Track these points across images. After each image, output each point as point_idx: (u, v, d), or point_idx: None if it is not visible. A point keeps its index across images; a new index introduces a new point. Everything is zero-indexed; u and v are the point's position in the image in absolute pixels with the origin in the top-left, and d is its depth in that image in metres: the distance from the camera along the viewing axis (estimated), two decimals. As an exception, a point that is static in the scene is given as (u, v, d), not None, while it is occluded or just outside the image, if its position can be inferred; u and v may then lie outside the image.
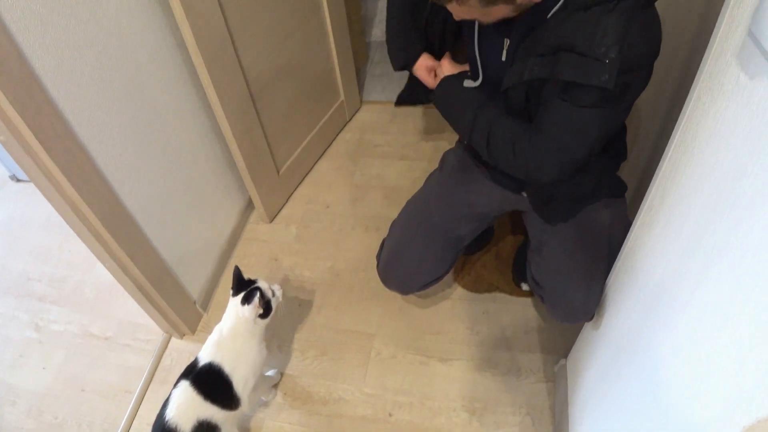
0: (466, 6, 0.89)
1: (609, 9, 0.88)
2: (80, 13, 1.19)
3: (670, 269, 0.79)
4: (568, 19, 0.92)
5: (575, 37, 0.91)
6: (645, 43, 0.90)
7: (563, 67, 0.93)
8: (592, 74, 0.89)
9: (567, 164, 1.06)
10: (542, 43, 0.96)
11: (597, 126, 0.99)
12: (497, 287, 1.75)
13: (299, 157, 2.16)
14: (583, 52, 0.90)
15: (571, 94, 0.96)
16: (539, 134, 1.04)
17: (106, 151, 1.33)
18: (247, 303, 1.36)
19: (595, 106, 0.95)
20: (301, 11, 1.91)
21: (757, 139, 0.55)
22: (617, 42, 0.87)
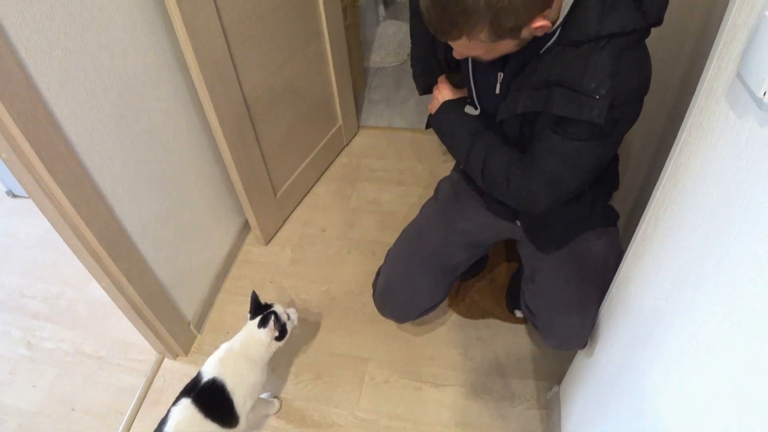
0: (475, 41, 0.90)
1: (600, 46, 0.90)
2: (86, 35, 1.21)
3: (661, 299, 0.80)
4: (561, 54, 0.95)
5: (567, 72, 0.93)
6: (634, 79, 0.92)
7: (555, 102, 0.95)
8: (583, 109, 0.92)
9: (558, 195, 1.08)
10: (535, 77, 0.99)
11: (588, 158, 1.02)
12: (491, 313, 1.76)
13: (296, 181, 2.18)
14: (575, 88, 0.92)
15: (563, 127, 0.99)
16: (532, 165, 1.06)
17: (107, 170, 1.34)
18: (263, 326, 1.40)
19: (586, 139, 0.98)
20: (302, 36, 1.94)
21: (745, 175, 0.57)
22: (608, 78, 0.89)
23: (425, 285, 1.41)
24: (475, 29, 0.87)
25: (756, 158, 0.55)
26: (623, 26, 0.89)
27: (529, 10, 0.85)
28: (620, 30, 0.89)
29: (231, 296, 1.94)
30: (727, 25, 0.64)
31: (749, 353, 0.57)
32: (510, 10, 0.83)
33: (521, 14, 0.85)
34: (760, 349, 0.55)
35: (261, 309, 1.47)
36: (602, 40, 0.90)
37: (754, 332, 0.56)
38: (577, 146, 0.99)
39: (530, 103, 1.00)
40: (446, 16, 0.86)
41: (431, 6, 0.88)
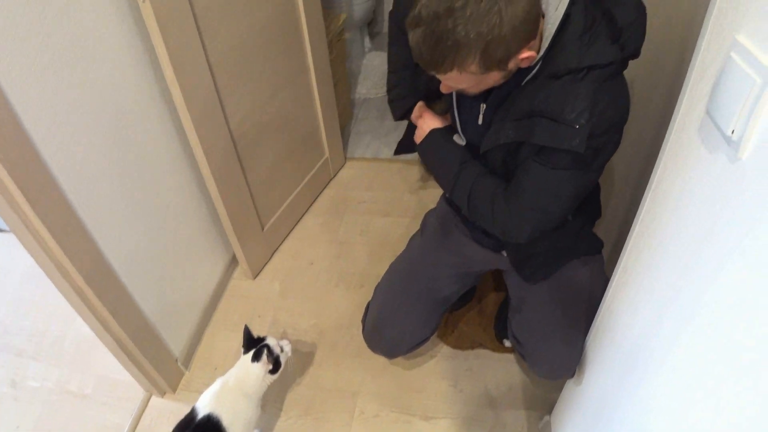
0: (465, 73, 0.91)
1: (579, 78, 0.93)
2: (74, 72, 1.23)
3: (644, 330, 0.81)
4: (542, 86, 0.98)
5: (548, 103, 0.95)
6: (613, 109, 0.95)
7: (537, 132, 0.97)
8: (564, 139, 0.94)
9: (542, 223, 1.09)
10: (517, 108, 1.01)
11: (570, 187, 1.03)
12: (480, 344, 1.76)
13: (284, 214, 2.19)
14: (555, 118, 0.94)
15: (544, 156, 1.01)
16: (515, 194, 1.08)
17: (92, 205, 1.34)
18: (256, 360, 1.40)
19: (567, 168, 1.00)
20: (288, 71, 1.97)
21: (719, 210, 0.59)
22: (587, 109, 0.92)
23: (415, 321, 1.41)
24: (467, 61, 0.88)
25: (728, 193, 0.57)
26: (601, 59, 0.91)
27: (518, 40, 0.87)
28: (599, 62, 0.92)
29: (219, 331, 1.92)
30: (696, 63, 0.66)
31: (733, 385, 0.57)
32: (500, 41, 0.85)
33: (510, 45, 0.87)
34: (743, 378, 0.55)
35: (254, 342, 1.47)
36: (581, 72, 0.93)
37: (737, 363, 0.56)
38: (559, 175, 1.01)
39: (513, 134, 1.01)
40: (438, 50, 0.88)
41: (422, 41, 0.88)
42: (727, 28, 0.59)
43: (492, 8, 0.82)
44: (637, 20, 0.92)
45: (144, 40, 1.43)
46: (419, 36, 0.88)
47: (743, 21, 0.56)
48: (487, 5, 0.82)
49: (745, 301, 0.54)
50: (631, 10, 0.92)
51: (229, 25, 1.59)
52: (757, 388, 0.53)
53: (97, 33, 1.28)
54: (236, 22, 1.62)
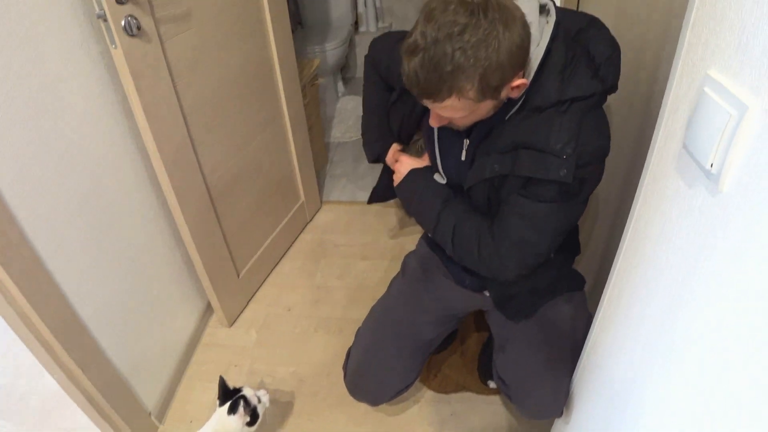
0: (463, 100, 0.90)
1: (562, 110, 0.95)
2: (43, 121, 1.20)
3: (632, 367, 0.80)
4: (525, 119, 0.99)
5: (533, 135, 0.97)
6: (596, 139, 0.97)
7: (523, 164, 0.98)
8: (551, 169, 0.95)
9: (529, 259, 1.09)
10: (501, 142, 1.02)
11: (556, 220, 1.03)
12: (464, 387, 1.72)
13: (260, 260, 2.15)
14: (541, 149, 0.95)
15: (530, 190, 1.01)
16: (501, 230, 1.07)
17: (61, 256, 1.30)
18: (233, 413, 1.36)
19: (553, 200, 1.00)
20: (263, 117, 1.97)
21: (702, 244, 0.59)
22: (572, 139, 0.94)
23: (398, 367, 1.38)
24: (466, 87, 0.88)
25: (711, 226, 0.57)
26: (583, 91, 0.94)
27: (513, 67, 0.89)
28: (581, 94, 0.94)
29: (194, 383, 1.86)
30: (670, 99, 0.67)
31: (727, 422, 0.56)
32: (497, 67, 0.86)
33: (506, 71, 0.88)
34: (736, 416, 0.54)
35: (230, 394, 1.42)
36: (564, 105, 0.95)
37: (729, 400, 0.55)
38: (545, 208, 1.01)
39: (498, 167, 1.02)
40: (436, 76, 0.87)
41: (420, 67, 0.88)
42: (698, 64, 0.60)
43: (490, 34, 0.83)
44: (613, 56, 0.95)
45: (116, 87, 1.42)
46: (417, 63, 0.88)
47: (714, 56, 0.57)
48: (485, 32, 0.83)
49: (735, 337, 0.53)
50: (607, 47, 0.95)
51: (203, 71, 1.59)
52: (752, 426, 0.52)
53: (66, 81, 1.26)
54: (210, 69, 1.62)
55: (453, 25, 0.84)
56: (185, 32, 1.48)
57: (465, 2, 0.84)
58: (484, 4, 0.84)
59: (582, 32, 0.96)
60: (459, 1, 0.85)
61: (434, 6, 0.86)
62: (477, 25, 0.83)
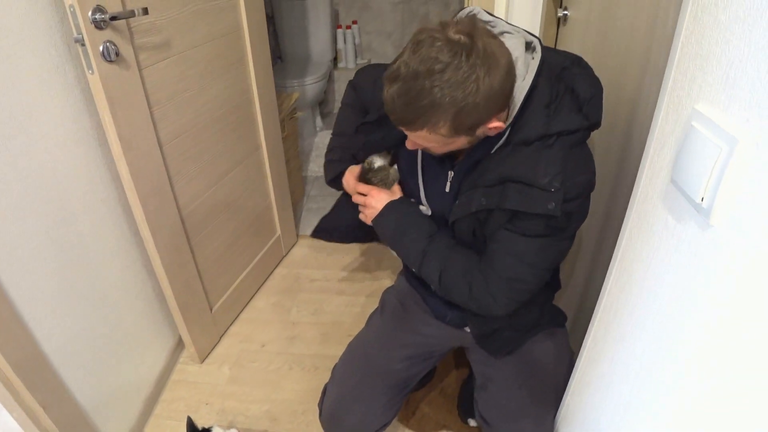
0: (434, 134, 0.91)
1: (549, 144, 0.95)
2: (12, 146, 1.16)
3: (620, 408, 0.78)
4: (512, 154, 0.99)
5: (520, 169, 0.96)
6: (583, 174, 0.97)
7: (510, 197, 0.97)
8: (539, 203, 0.94)
9: (521, 295, 1.07)
10: (488, 175, 1.01)
11: (545, 255, 1.02)
12: (444, 425, 1.68)
13: (234, 294, 2.10)
14: (529, 183, 0.95)
15: (517, 224, 1.00)
16: (490, 267, 1.06)
17: (27, 289, 1.24)
18: None
19: (541, 235, 0.99)
20: (241, 150, 1.95)
21: (692, 279, 0.58)
22: (560, 173, 0.94)
23: (374, 407, 1.33)
24: (438, 123, 0.88)
25: (701, 261, 0.56)
26: (569, 125, 0.95)
27: (489, 110, 0.89)
28: (566, 129, 0.95)
29: (163, 421, 1.77)
30: (656, 133, 0.67)
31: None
32: (472, 109, 0.86)
33: (482, 113, 0.88)
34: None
35: None
36: (551, 139, 0.95)
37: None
38: (533, 243, 1.01)
39: (485, 201, 1.01)
40: (411, 108, 0.87)
41: (397, 97, 0.88)
42: (685, 99, 0.60)
43: (470, 77, 0.83)
44: (596, 95, 0.97)
45: (91, 113, 1.39)
46: (395, 91, 0.88)
47: (701, 91, 0.57)
48: (465, 73, 0.83)
49: (727, 376, 0.52)
50: (591, 86, 0.97)
51: (182, 101, 1.57)
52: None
53: (40, 105, 1.23)
54: (189, 99, 1.61)
55: (435, 62, 0.84)
56: (164, 61, 1.47)
57: (452, 41, 0.85)
58: (469, 46, 0.84)
59: (566, 70, 0.97)
60: (446, 39, 0.85)
61: (423, 38, 0.86)
62: (458, 66, 0.83)
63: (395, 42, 3.78)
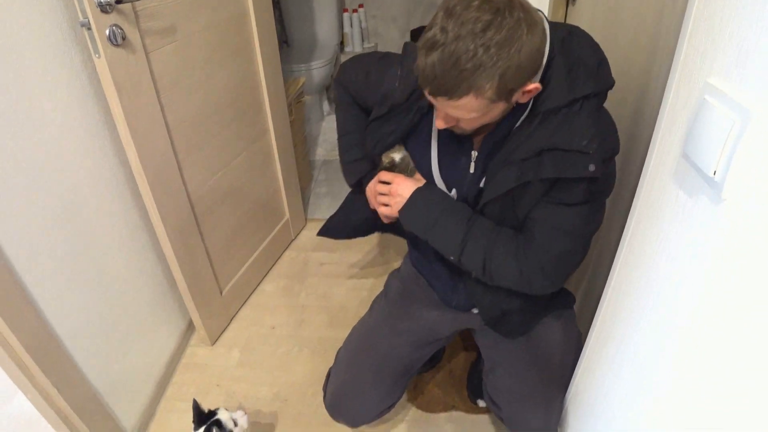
0: (480, 99, 0.87)
1: (576, 110, 0.94)
2: (20, 132, 1.17)
3: (629, 388, 0.78)
4: (541, 124, 0.97)
5: (554, 137, 0.95)
6: (612, 135, 0.97)
7: (549, 166, 0.95)
8: (580, 166, 0.93)
9: (571, 266, 1.07)
10: (520, 149, 0.98)
11: (588, 222, 1.01)
12: (453, 406, 1.69)
13: (243, 278, 2.11)
14: (567, 149, 0.93)
15: (556, 195, 0.99)
16: (536, 245, 1.03)
17: (38, 273, 1.25)
18: None
19: (583, 202, 0.98)
20: (248, 134, 1.95)
21: (702, 255, 0.57)
22: (596, 135, 0.93)
23: (378, 390, 1.34)
24: (485, 86, 0.85)
25: (712, 237, 0.56)
26: (592, 88, 0.93)
27: (530, 69, 0.87)
28: (591, 91, 0.93)
29: (174, 403, 1.80)
30: (667, 108, 0.67)
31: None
32: (516, 69, 0.84)
33: (524, 74, 0.86)
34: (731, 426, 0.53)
35: (205, 418, 1.36)
36: (577, 104, 0.94)
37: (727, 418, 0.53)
38: (576, 211, 0.99)
39: (522, 175, 0.98)
40: (455, 73, 0.84)
41: (438, 63, 0.84)
42: (697, 73, 0.59)
43: (514, 34, 0.81)
44: (603, 59, 0.96)
45: (98, 98, 1.39)
46: (435, 58, 0.84)
47: (714, 65, 0.56)
48: (509, 31, 0.81)
49: (739, 356, 0.52)
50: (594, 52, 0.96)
51: (189, 85, 1.57)
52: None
53: (46, 90, 1.23)
54: (196, 83, 1.60)
55: (476, 22, 0.81)
56: (170, 45, 1.46)
57: (489, 0, 0.82)
58: (509, 3, 0.82)
59: (566, 41, 0.95)
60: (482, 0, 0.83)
61: (455, 3, 0.84)
62: (501, 23, 0.81)
63: (401, 27, 3.75)
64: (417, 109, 1.08)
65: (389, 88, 1.11)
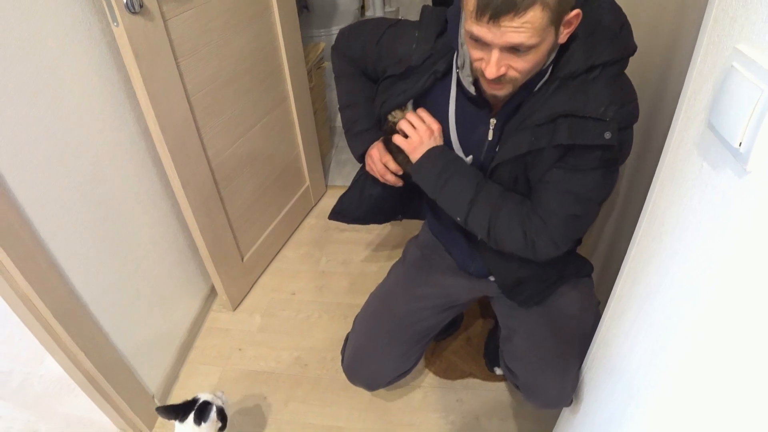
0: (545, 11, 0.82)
1: (594, 76, 0.93)
2: (41, 102, 1.18)
3: (645, 359, 0.77)
4: (558, 90, 0.96)
5: (571, 103, 0.94)
6: (631, 102, 0.96)
7: (564, 132, 0.95)
8: (596, 133, 0.93)
9: (578, 231, 1.07)
10: (536, 114, 0.98)
11: (600, 188, 1.01)
12: (470, 373, 1.71)
13: (264, 244, 2.13)
14: (583, 115, 0.93)
15: (570, 161, 0.99)
16: (545, 207, 1.03)
17: (62, 240, 1.28)
18: (203, 421, 1.28)
19: (596, 168, 0.98)
20: (268, 100, 1.94)
21: (725, 228, 0.56)
22: (612, 102, 0.92)
23: (394, 356, 1.35)
24: None
25: (736, 210, 0.54)
26: (611, 55, 0.92)
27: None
28: (609, 58, 0.92)
29: (197, 366, 1.85)
30: (693, 75, 0.64)
31: (740, 415, 0.54)
32: None
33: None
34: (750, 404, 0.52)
35: (187, 407, 1.31)
36: (595, 70, 0.93)
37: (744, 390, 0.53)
38: (588, 177, 0.99)
39: (535, 141, 0.98)
40: None
41: None
42: (725, 39, 0.57)
43: None
44: (625, 23, 0.95)
45: (118, 67, 1.39)
46: None
47: (743, 30, 0.54)
48: None
49: (758, 329, 0.51)
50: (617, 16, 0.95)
51: (207, 52, 1.56)
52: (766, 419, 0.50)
53: (66, 60, 1.24)
54: (215, 50, 1.59)
55: None
56: (188, 11, 1.45)
57: None
58: None
59: (586, 5, 0.93)
60: None
61: None
62: None
63: (424, -12, 3.68)
64: (431, 73, 1.08)
65: (406, 51, 1.10)
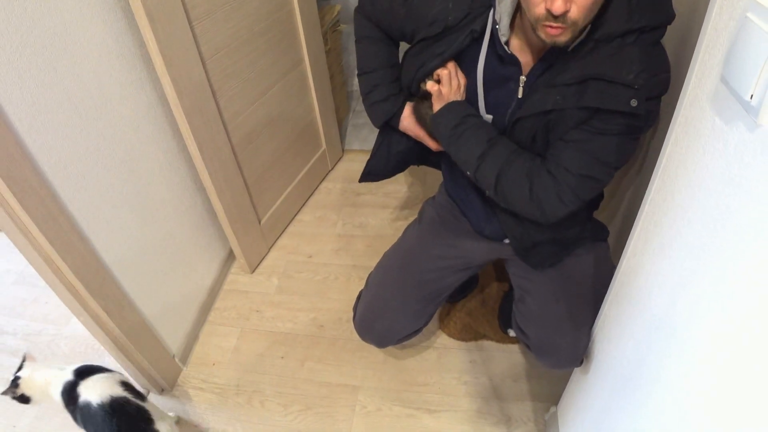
0: None
1: (630, 42, 0.92)
2: (58, 67, 1.19)
3: (656, 319, 0.78)
4: (592, 51, 0.95)
5: (602, 66, 0.93)
6: (663, 73, 0.94)
7: (591, 95, 0.95)
8: (622, 100, 0.92)
9: (588, 192, 1.06)
10: (566, 74, 0.97)
11: (619, 153, 1.00)
12: (484, 335, 1.73)
13: (281, 207, 2.15)
14: (612, 79, 0.92)
15: (594, 124, 0.98)
16: (559, 164, 1.03)
17: (83, 203, 1.31)
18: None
19: (619, 133, 0.97)
20: (283, 64, 1.93)
21: (737, 184, 0.55)
22: (644, 70, 0.91)
23: (406, 314, 1.37)
24: None
25: (747, 165, 0.53)
26: (650, 21, 0.91)
27: None
28: (648, 24, 0.91)
29: (216, 327, 1.89)
30: (708, 29, 0.63)
31: (749, 374, 0.54)
32: None
33: None
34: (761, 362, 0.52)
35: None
36: (632, 36, 0.92)
37: (754, 349, 0.53)
38: (609, 141, 0.98)
39: (561, 100, 0.98)
40: None
41: None
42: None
43: None
44: None
45: (133, 32, 1.39)
46: None
47: (760, -20, 0.52)
48: None
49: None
50: None
51: (221, 15, 1.56)
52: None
53: (82, 25, 1.24)
54: (228, 13, 1.58)
55: None
56: (202, -28, 1.44)
57: None
58: None
59: None
60: None
61: None
62: None
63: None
64: (469, 32, 1.05)
65: (441, 10, 1.06)
